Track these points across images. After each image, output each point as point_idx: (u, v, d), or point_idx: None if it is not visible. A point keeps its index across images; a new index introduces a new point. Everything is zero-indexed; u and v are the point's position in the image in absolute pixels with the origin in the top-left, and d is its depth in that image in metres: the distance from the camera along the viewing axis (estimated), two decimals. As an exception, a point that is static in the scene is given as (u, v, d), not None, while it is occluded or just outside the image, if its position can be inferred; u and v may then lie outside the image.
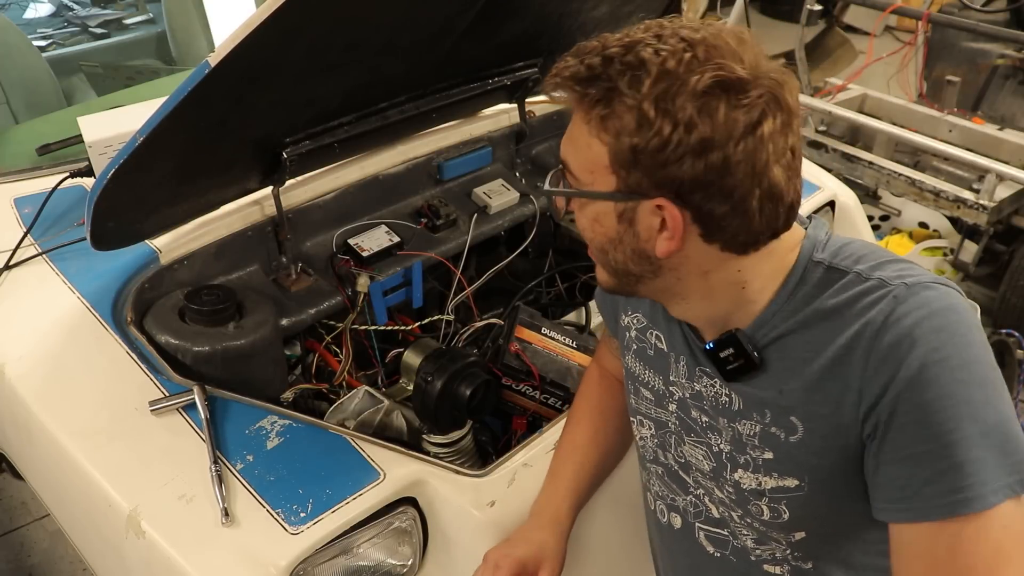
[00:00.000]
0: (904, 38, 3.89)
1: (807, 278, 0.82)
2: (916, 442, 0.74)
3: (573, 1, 1.46)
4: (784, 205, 0.77)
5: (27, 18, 3.31)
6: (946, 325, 0.74)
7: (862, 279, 0.79)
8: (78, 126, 1.54)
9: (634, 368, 1.02)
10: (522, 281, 1.73)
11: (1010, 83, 3.50)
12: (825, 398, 0.79)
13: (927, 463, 0.74)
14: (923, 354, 0.73)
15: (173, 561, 0.99)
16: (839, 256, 0.82)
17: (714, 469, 0.93)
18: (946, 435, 0.73)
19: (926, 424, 0.73)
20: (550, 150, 1.90)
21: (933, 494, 0.74)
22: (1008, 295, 2.77)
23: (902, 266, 0.80)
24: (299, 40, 1.05)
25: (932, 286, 0.76)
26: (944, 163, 3.02)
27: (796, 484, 0.85)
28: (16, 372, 1.24)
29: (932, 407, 0.73)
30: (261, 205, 1.43)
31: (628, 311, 1.03)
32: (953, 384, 0.73)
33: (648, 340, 0.99)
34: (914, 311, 0.75)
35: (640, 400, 1.02)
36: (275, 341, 1.31)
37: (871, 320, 0.76)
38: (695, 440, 0.95)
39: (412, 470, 1.11)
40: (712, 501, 0.97)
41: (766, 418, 0.85)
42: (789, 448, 0.84)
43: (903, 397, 0.74)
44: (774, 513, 0.88)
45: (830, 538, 0.88)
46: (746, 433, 0.87)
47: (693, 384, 0.93)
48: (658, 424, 1.00)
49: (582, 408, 1.19)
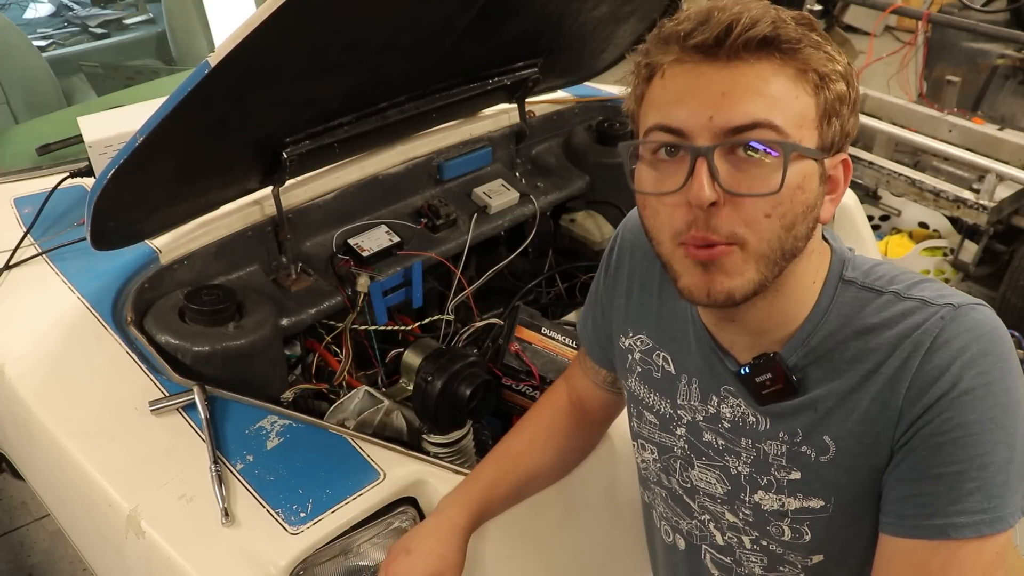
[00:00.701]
0: (904, 38, 3.90)
1: (840, 297, 0.81)
2: (949, 462, 0.74)
3: (573, 1, 1.46)
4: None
5: (27, 18, 3.32)
6: (992, 349, 0.74)
7: (901, 299, 0.78)
8: (78, 126, 1.54)
9: (638, 391, 0.99)
10: (522, 281, 1.73)
11: (1010, 83, 3.50)
12: (862, 417, 0.78)
13: (956, 483, 0.74)
14: (972, 376, 0.73)
15: (173, 561, 0.99)
16: (871, 276, 0.81)
17: (729, 492, 0.91)
18: (980, 457, 0.73)
19: (963, 445, 0.73)
20: (550, 150, 1.90)
21: (953, 513, 0.74)
22: (1008, 295, 2.77)
23: (938, 286, 0.79)
24: (299, 40, 1.05)
25: (977, 308, 0.77)
26: (944, 163, 3.02)
27: (821, 505, 0.84)
28: (16, 372, 1.24)
29: (972, 429, 0.73)
30: (261, 205, 1.43)
31: (629, 333, 1.00)
32: (995, 408, 0.73)
33: (654, 362, 0.96)
34: (963, 333, 0.74)
35: (643, 424, 1.00)
36: (275, 341, 1.31)
37: (918, 340, 0.75)
38: (707, 464, 0.92)
39: (412, 470, 1.11)
40: (718, 528, 0.95)
41: (796, 437, 0.83)
42: (818, 468, 0.82)
43: (945, 417, 0.74)
44: (796, 534, 0.87)
45: (846, 562, 0.87)
46: (772, 453, 0.85)
47: (707, 406, 0.90)
48: (662, 448, 0.98)
49: (530, 418, 1.16)
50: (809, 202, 0.74)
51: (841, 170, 0.78)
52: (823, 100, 0.73)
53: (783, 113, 0.71)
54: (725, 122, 0.71)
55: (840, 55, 0.74)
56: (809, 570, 0.89)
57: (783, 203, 0.72)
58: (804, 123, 0.72)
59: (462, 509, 1.04)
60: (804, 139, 0.72)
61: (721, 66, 0.71)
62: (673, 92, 0.74)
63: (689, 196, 0.72)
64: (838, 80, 0.74)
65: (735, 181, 0.71)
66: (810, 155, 0.73)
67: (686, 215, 0.73)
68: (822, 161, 0.75)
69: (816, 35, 0.73)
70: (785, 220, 0.73)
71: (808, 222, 0.75)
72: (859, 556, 0.86)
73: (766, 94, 0.71)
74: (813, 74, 0.72)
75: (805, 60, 0.72)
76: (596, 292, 1.07)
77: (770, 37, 0.70)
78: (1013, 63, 3.46)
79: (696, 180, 0.71)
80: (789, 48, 0.71)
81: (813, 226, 0.76)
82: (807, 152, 0.72)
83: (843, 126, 0.75)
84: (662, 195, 0.75)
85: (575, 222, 1.88)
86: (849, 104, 0.75)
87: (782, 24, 0.71)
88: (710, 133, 0.71)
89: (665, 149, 0.74)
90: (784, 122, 0.71)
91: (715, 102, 0.71)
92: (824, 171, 0.75)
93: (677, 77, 0.73)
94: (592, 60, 1.77)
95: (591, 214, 1.88)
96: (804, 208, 0.74)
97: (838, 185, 0.78)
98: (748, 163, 0.71)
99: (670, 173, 0.74)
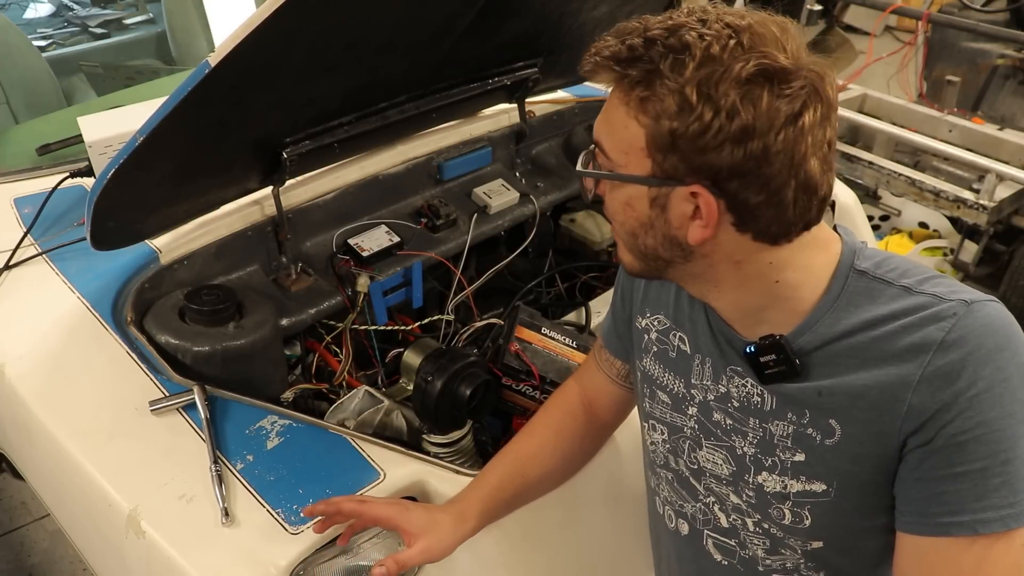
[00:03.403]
0: (904, 38, 3.90)
1: (851, 286, 0.81)
2: (972, 459, 0.74)
3: (573, 1, 1.46)
4: (818, 198, 0.77)
5: (27, 18, 3.32)
6: (1007, 344, 0.75)
7: (912, 293, 0.79)
8: (78, 126, 1.54)
9: (652, 371, 1.00)
10: (522, 281, 1.73)
11: (1010, 83, 3.50)
12: (870, 405, 0.79)
13: (980, 480, 0.74)
14: (989, 373, 0.73)
15: (173, 561, 0.99)
16: (882, 268, 0.82)
17: (734, 473, 0.92)
18: (1003, 453, 0.73)
19: (985, 442, 0.74)
20: (550, 150, 1.90)
21: (980, 509, 0.74)
22: (1008, 295, 2.78)
23: (950, 282, 0.80)
24: (299, 40, 1.05)
25: (989, 304, 0.77)
26: (944, 163, 3.02)
27: (824, 489, 0.84)
28: (16, 372, 1.24)
29: (994, 426, 0.73)
30: (261, 205, 1.43)
31: (647, 313, 1.01)
32: (1015, 404, 0.74)
33: (671, 342, 0.97)
34: (977, 329, 0.75)
35: (655, 404, 1.01)
36: (275, 341, 1.31)
37: (930, 335, 0.76)
38: (714, 444, 0.93)
39: (412, 470, 1.11)
40: (723, 509, 0.96)
41: (804, 418, 0.84)
42: (823, 451, 0.83)
43: (966, 415, 0.74)
44: (796, 518, 0.87)
45: (845, 551, 0.88)
46: (778, 434, 0.86)
47: (718, 386, 0.91)
48: (672, 429, 0.99)
49: (540, 421, 1.16)
50: (642, 220, 0.80)
51: (701, 199, 0.76)
52: (653, 132, 0.75)
53: (611, 138, 0.79)
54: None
55: (721, 92, 0.71)
56: (809, 555, 0.90)
57: (615, 213, 0.83)
58: (630, 151, 0.77)
59: (470, 505, 1.05)
60: (630, 165, 0.78)
61: (615, 83, 0.78)
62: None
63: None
64: (681, 118, 0.72)
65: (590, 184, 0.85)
66: (627, 180, 0.79)
67: None
68: (657, 187, 0.77)
69: (702, 67, 0.71)
70: (625, 227, 0.83)
71: (656, 237, 0.80)
72: (858, 546, 0.86)
73: (608, 119, 0.79)
74: (647, 110, 0.74)
75: (640, 95, 0.74)
76: (620, 279, 1.09)
77: (606, 65, 0.76)
78: (1013, 63, 3.46)
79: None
80: (628, 82, 0.75)
81: (672, 243, 0.80)
82: (619, 177, 0.79)
83: (687, 160, 0.74)
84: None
85: (575, 222, 1.88)
86: (689, 139, 0.72)
87: (637, 54, 0.74)
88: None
89: None
90: (611, 147, 0.79)
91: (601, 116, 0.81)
92: (658, 196, 0.78)
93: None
94: (592, 60, 1.77)
95: (591, 214, 1.88)
96: (637, 224, 0.81)
97: (704, 212, 0.76)
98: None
99: None
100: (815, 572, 0.91)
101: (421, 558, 0.99)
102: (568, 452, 1.15)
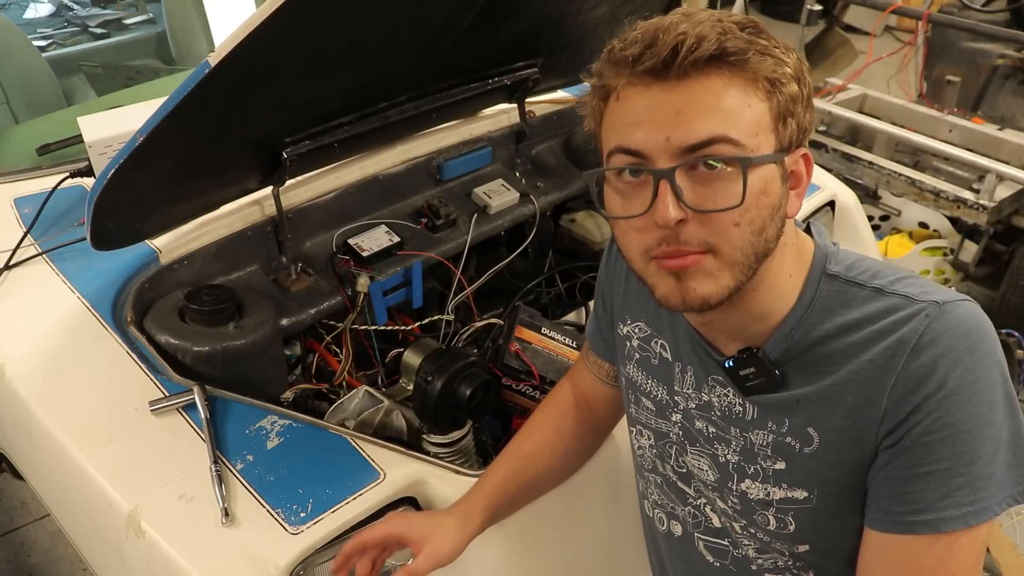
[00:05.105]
0: (904, 38, 3.90)
1: (824, 291, 0.82)
2: (938, 459, 0.75)
3: (573, 1, 1.46)
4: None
5: (27, 18, 3.32)
6: (978, 345, 0.75)
7: (884, 294, 0.79)
8: (78, 126, 1.54)
9: (635, 378, 1.01)
10: (522, 281, 1.73)
11: (1010, 83, 3.50)
12: (846, 411, 0.79)
13: (945, 479, 0.75)
14: (959, 375, 0.74)
15: (173, 561, 0.99)
16: (854, 270, 0.82)
17: (719, 480, 0.92)
18: (968, 453, 0.74)
19: (952, 443, 0.74)
20: (550, 150, 1.90)
21: (943, 508, 0.75)
22: (1008, 295, 2.77)
23: (922, 282, 0.80)
24: (299, 40, 1.05)
25: (962, 304, 0.77)
26: (944, 163, 3.02)
27: (805, 496, 0.84)
28: (16, 372, 1.24)
29: (960, 427, 0.74)
30: (261, 205, 1.43)
31: (627, 320, 1.01)
32: (982, 405, 0.74)
33: (652, 349, 0.98)
34: (949, 330, 0.75)
35: (640, 410, 1.01)
36: (275, 341, 1.31)
37: (903, 338, 0.76)
38: (698, 451, 0.94)
39: (412, 470, 1.11)
40: (714, 511, 0.96)
41: (783, 427, 0.84)
42: (803, 459, 0.83)
43: (934, 416, 0.74)
44: (780, 524, 0.88)
45: (832, 552, 0.88)
46: (759, 443, 0.86)
47: (701, 395, 0.91)
48: (658, 435, 0.99)
49: (538, 420, 1.17)
50: (774, 204, 0.76)
51: (802, 164, 0.79)
52: (776, 104, 0.74)
53: (737, 125, 0.72)
54: (682, 141, 0.72)
55: (789, 54, 0.75)
56: (796, 557, 0.90)
57: (749, 210, 0.73)
58: (759, 130, 0.73)
59: (474, 502, 1.05)
60: (761, 146, 0.73)
61: (672, 85, 0.72)
62: (629, 114, 0.75)
63: (655, 218, 0.73)
64: (789, 82, 0.74)
65: (699, 198, 0.73)
66: (768, 160, 0.74)
67: (655, 234, 0.75)
68: (782, 161, 0.76)
69: (763, 39, 0.74)
70: (755, 226, 0.74)
71: (776, 222, 0.77)
72: (844, 548, 0.87)
73: (719, 108, 0.71)
74: (763, 81, 0.73)
75: (754, 69, 0.72)
76: (599, 282, 1.09)
77: (716, 53, 0.71)
78: (1013, 63, 3.46)
79: (660, 202, 0.72)
80: (737, 60, 0.72)
81: (782, 224, 0.78)
82: (765, 159, 0.74)
83: (799, 124, 0.76)
84: (630, 218, 0.76)
85: (575, 222, 1.88)
86: (803, 102, 0.76)
87: (728, 36, 0.72)
88: (668, 153, 0.72)
89: (628, 171, 0.75)
90: (739, 134, 0.72)
91: (670, 122, 0.72)
92: (785, 171, 0.77)
93: (631, 99, 0.74)
94: (592, 60, 1.76)
95: (591, 214, 1.88)
96: (770, 210, 0.75)
97: (801, 179, 0.79)
98: (710, 177, 0.72)
99: (635, 195, 0.76)
100: (804, 572, 0.91)
101: (430, 563, 0.97)
102: (568, 448, 1.15)
